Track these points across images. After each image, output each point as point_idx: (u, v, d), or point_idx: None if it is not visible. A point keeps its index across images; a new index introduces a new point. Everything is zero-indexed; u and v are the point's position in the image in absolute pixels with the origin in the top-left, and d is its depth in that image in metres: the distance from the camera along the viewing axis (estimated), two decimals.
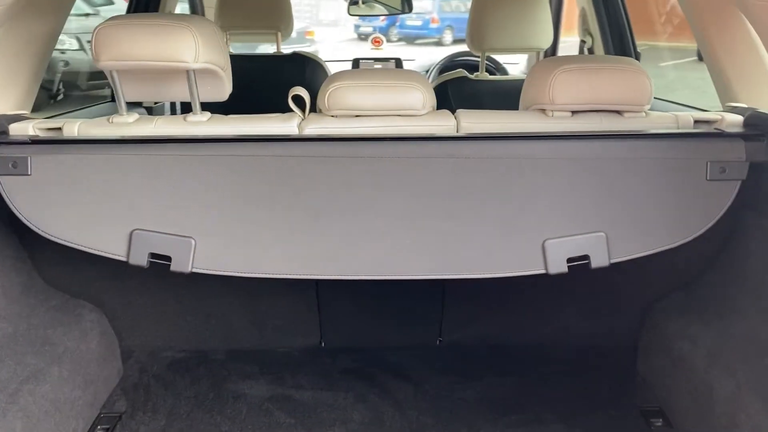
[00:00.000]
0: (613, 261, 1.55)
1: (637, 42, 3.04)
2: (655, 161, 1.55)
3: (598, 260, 1.55)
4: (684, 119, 1.68)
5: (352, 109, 1.67)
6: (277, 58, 3.27)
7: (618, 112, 1.69)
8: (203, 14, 3.80)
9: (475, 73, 2.93)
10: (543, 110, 1.72)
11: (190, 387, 2.07)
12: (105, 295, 2.04)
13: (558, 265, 1.55)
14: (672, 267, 1.92)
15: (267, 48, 4.85)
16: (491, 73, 3.46)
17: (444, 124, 1.69)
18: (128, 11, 2.98)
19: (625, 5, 2.98)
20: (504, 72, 4.13)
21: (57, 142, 1.55)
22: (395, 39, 23.12)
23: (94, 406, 1.93)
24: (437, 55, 4.85)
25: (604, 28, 3.01)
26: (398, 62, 4.57)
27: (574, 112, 1.69)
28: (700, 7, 1.91)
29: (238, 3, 3.17)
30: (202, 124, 1.69)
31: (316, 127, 1.68)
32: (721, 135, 1.56)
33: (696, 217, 1.55)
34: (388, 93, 1.67)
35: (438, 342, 2.26)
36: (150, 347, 2.21)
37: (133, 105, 2.24)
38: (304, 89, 1.70)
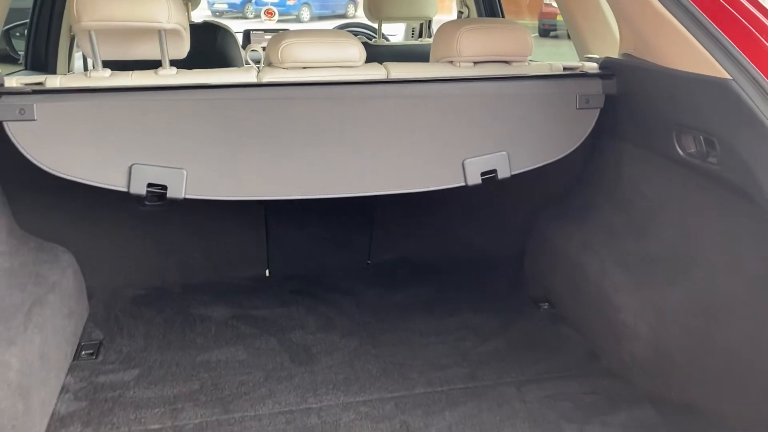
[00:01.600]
0: (513, 173, 2.04)
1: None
2: (539, 96, 2.05)
3: (503, 173, 2.02)
4: (555, 67, 2.19)
5: (302, 61, 2.02)
6: (193, 27, 3.47)
7: (507, 62, 2.18)
8: None
9: (373, 39, 3.34)
10: (451, 62, 2.16)
11: (158, 315, 2.34)
12: (72, 238, 2.25)
13: (474, 178, 2.01)
14: (550, 185, 2.46)
15: None
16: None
17: (376, 72, 2.09)
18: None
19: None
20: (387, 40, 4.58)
21: (58, 92, 1.77)
22: (251, 16, 22.90)
23: (75, 335, 2.15)
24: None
25: (478, 1, 3.53)
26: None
27: (475, 63, 2.15)
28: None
29: None
30: (172, 77, 1.96)
31: (272, 77, 2.01)
32: (585, 75, 2.09)
33: (571, 137, 2.07)
34: (331, 48, 2.03)
35: (367, 263, 2.69)
36: (112, 286, 2.43)
37: None
38: (259, 45, 2.02)
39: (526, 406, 1.89)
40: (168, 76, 1.95)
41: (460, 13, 3.61)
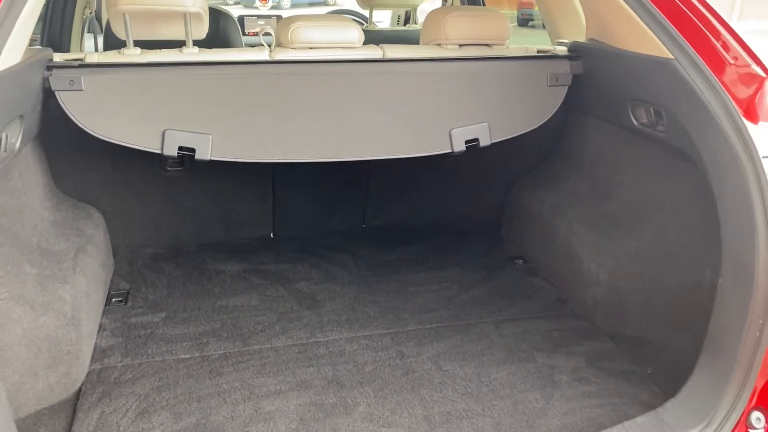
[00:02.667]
0: (493, 141, 2.35)
1: None
2: (516, 75, 2.36)
3: (484, 141, 2.33)
4: (530, 49, 2.50)
5: (309, 42, 2.30)
6: None
7: (488, 45, 2.47)
8: None
9: (365, 25, 3.62)
10: (439, 44, 2.45)
11: (177, 270, 2.62)
12: (101, 200, 2.51)
13: (459, 146, 2.31)
14: (526, 156, 2.78)
15: None
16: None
17: (373, 53, 2.37)
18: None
19: None
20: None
21: (100, 66, 2.03)
22: (232, 2, 22.92)
23: (106, 284, 2.43)
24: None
25: None
26: (279, 19, 5.14)
27: (460, 45, 2.44)
28: None
29: None
30: (195, 55, 2.23)
31: (282, 55, 2.29)
32: (555, 57, 2.40)
33: (543, 111, 2.38)
34: (334, 31, 2.31)
35: (362, 227, 2.99)
36: (134, 244, 2.71)
37: None
38: (271, 27, 2.30)
39: (502, 339, 2.21)
40: (191, 54, 2.22)
41: (444, 1, 3.90)
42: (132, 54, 2.17)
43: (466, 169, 2.84)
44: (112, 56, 2.16)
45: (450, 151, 2.32)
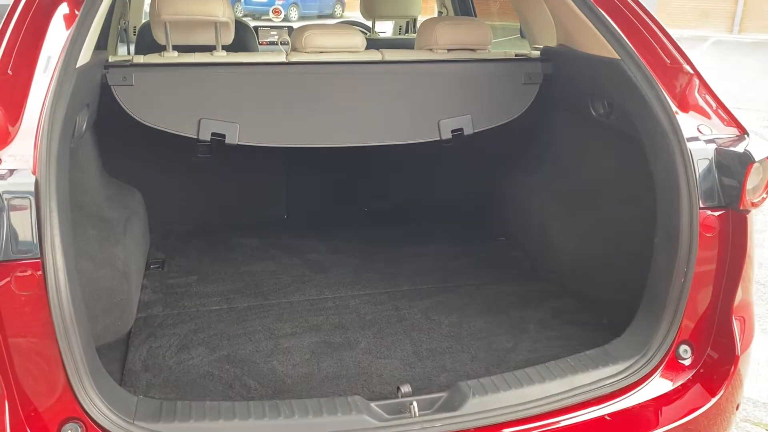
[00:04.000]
0: (475, 131, 2.75)
1: None
2: (495, 75, 2.77)
3: (468, 130, 2.74)
4: (508, 53, 2.92)
5: (320, 47, 2.71)
6: None
7: (473, 49, 2.89)
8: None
9: (368, 34, 4.04)
10: (430, 49, 2.86)
11: (205, 243, 3.04)
12: (140, 182, 2.93)
13: (446, 134, 2.72)
14: (507, 147, 3.19)
15: None
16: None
17: (374, 56, 2.79)
18: None
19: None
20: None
21: (147, 65, 2.46)
22: (241, 14, 23.51)
23: (145, 254, 2.84)
24: None
25: (455, 3, 4.26)
26: (291, 30, 5.58)
27: (449, 50, 2.86)
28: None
29: None
30: (224, 57, 2.65)
31: (297, 58, 2.70)
32: (529, 59, 2.82)
33: (518, 105, 2.79)
34: (342, 37, 2.73)
35: (365, 210, 3.40)
36: (167, 222, 3.12)
37: None
38: (287, 35, 2.72)
39: (482, 297, 2.61)
40: (221, 56, 2.64)
41: (440, 13, 4.33)
42: (171, 56, 2.59)
43: (457, 159, 3.25)
44: (155, 58, 2.58)
45: (438, 138, 2.73)
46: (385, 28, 6.13)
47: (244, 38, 4.08)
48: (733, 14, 23.81)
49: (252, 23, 5.83)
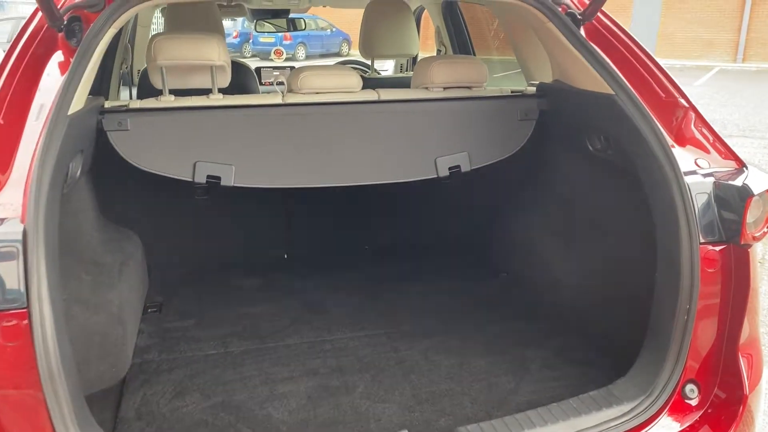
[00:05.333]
0: (472, 167, 2.74)
1: (477, 56, 4.37)
2: (491, 112, 2.77)
3: (465, 167, 2.72)
4: (504, 90, 2.92)
5: (315, 88, 2.72)
6: None
7: (469, 87, 2.89)
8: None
9: (368, 72, 4.07)
10: (426, 87, 2.87)
11: (203, 285, 3.02)
12: (139, 225, 2.93)
13: (444, 171, 2.70)
14: (507, 183, 3.17)
15: None
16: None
17: (370, 96, 2.79)
18: None
19: (467, 25, 4.29)
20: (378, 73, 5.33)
21: (142, 110, 2.47)
22: (248, 55, 23.95)
23: (143, 297, 2.82)
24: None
25: (453, 40, 4.29)
26: (292, 70, 5.63)
27: (445, 88, 2.86)
28: (514, 29, 3.18)
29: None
30: (220, 100, 2.66)
31: (293, 99, 2.71)
32: (524, 96, 2.82)
33: (514, 141, 2.78)
34: (337, 78, 2.74)
35: (365, 248, 3.38)
36: (163, 265, 3.11)
37: None
38: (283, 76, 2.74)
39: (484, 336, 2.57)
40: (217, 99, 2.66)
41: (438, 51, 4.36)
42: (167, 100, 2.60)
43: (457, 195, 3.23)
44: (151, 102, 2.60)
45: (436, 175, 2.71)
46: (387, 67, 6.20)
47: (244, 80, 4.12)
48: (736, 44, 23.97)
49: (260, 63, 5.90)
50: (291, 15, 5.41)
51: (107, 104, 2.50)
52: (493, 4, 3.17)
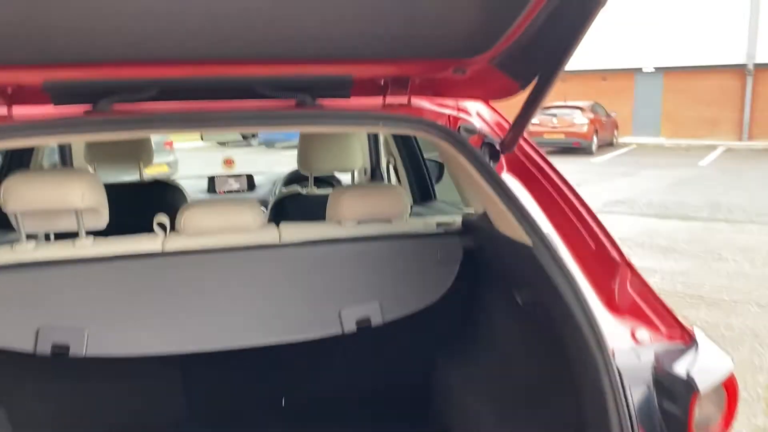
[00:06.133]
0: (385, 321, 2.30)
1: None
2: (408, 251, 2.36)
3: (375, 321, 2.29)
4: (429, 223, 2.51)
5: (202, 229, 2.32)
6: (143, 185, 3.84)
7: (388, 220, 2.49)
8: (72, 164, 4.34)
9: (306, 189, 3.71)
10: (339, 222, 2.48)
11: None
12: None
13: (349, 327, 2.27)
14: (438, 330, 2.70)
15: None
16: (330, 185, 4.24)
17: (269, 235, 2.39)
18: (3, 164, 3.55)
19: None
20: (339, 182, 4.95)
21: None
22: (255, 144, 24.01)
23: None
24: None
25: (402, 153, 3.96)
26: (249, 177, 5.32)
27: (359, 222, 2.46)
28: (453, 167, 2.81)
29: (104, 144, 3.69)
30: (88, 247, 2.27)
31: (174, 244, 2.31)
32: (445, 234, 2.41)
33: (436, 287, 2.35)
34: (230, 215, 2.34)
35: (282, 405, 2.88)
36: None
37: None
38: (166, 216, 2.35)
39: None
40: (84, 246, 2.26)
41: (387, 162, 4.03)
42: (23, 249, 2.20)
43: (387, 344, 2.75)
44: (4, 252, 2.21)
45: (340, 332, 2.28)
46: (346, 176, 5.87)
47: (172, 200, 3.76)
48: (740, 122, 23.87)
49: (267, 153, 5.61)
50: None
51: None
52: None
